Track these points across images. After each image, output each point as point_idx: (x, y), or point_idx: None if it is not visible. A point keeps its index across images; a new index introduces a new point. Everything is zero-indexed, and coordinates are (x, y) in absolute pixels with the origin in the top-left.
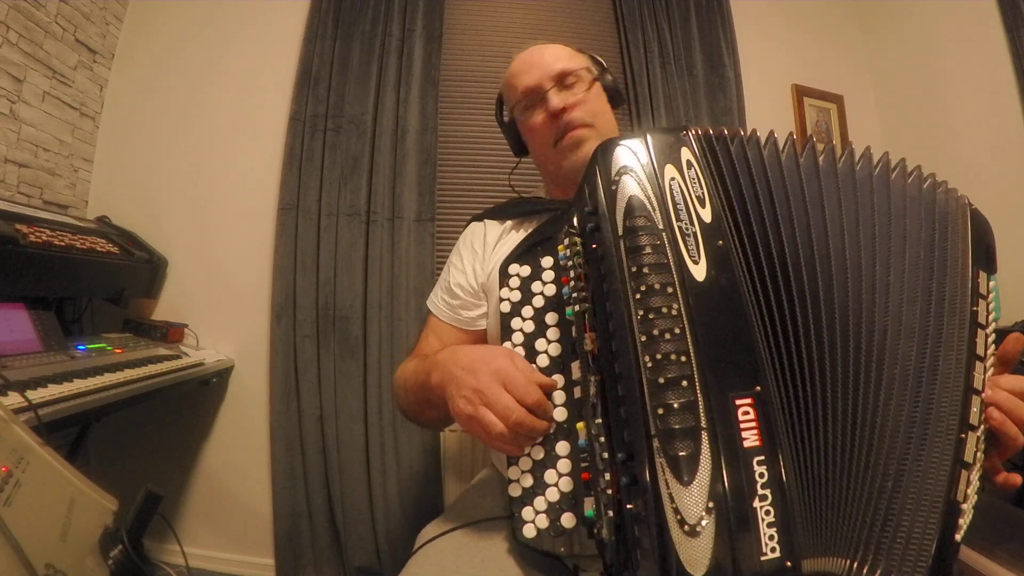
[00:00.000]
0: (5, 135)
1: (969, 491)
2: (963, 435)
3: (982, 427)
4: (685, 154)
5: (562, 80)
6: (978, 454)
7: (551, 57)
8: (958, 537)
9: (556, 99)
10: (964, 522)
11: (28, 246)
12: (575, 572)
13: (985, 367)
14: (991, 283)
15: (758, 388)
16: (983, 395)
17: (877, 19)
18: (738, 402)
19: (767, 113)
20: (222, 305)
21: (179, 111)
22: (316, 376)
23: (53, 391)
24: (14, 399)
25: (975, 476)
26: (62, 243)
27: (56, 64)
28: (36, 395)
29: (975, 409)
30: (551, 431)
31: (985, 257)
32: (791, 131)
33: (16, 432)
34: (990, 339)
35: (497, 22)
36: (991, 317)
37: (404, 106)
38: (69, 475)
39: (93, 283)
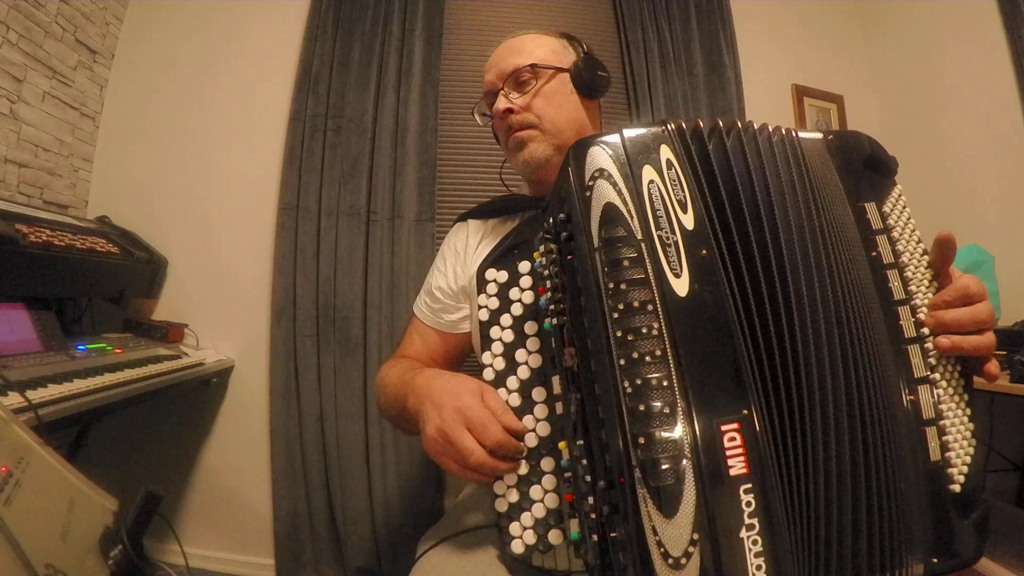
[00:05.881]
0: (5, 135)
1: (948, 439)
2: (911, 396)
3: (940, 367)
4: (665, 152)
5: (516, 78)
6: (940, 406)
7: (508, 52)
8: (955, 488)
9: (500, 101)
10: (957, 471)
11: (28, 246)
12: None
13: (912, 306)
14: (888, 204)
15: (744, 412)
16: (926, 338)
17: (877, 19)
18: (724, 428)
19: (767, 113)
20: (222, 305)
21: (179, 111)
22: (316, 376)
23: (53, 391)
24: (14, 399)
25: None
26: (62, 243)
27: (56, 64)
28: (36, 395)
29: (916, 360)
30: (522, 458)
31: (868, 184)
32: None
33: (16, 432)
34: (908, 270)
35: (497, 22)
36: (899, 240)
37: (404, 106)
38: (69, 475)
39: (93, 283)
